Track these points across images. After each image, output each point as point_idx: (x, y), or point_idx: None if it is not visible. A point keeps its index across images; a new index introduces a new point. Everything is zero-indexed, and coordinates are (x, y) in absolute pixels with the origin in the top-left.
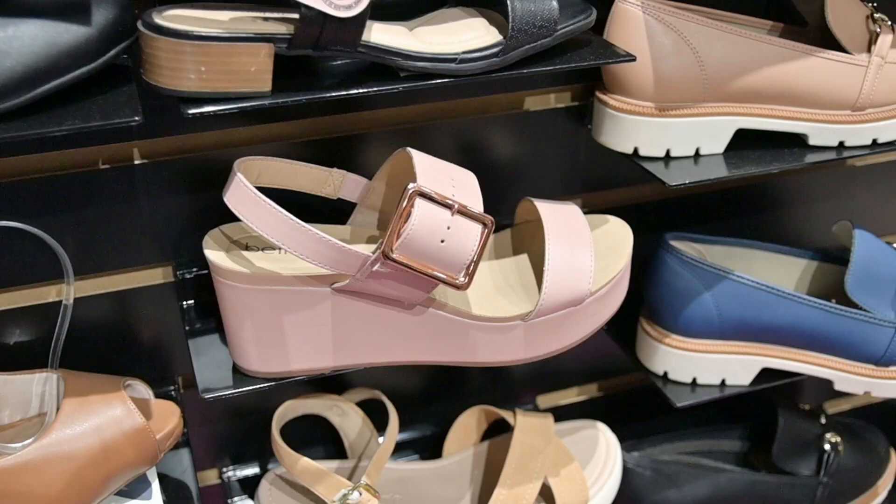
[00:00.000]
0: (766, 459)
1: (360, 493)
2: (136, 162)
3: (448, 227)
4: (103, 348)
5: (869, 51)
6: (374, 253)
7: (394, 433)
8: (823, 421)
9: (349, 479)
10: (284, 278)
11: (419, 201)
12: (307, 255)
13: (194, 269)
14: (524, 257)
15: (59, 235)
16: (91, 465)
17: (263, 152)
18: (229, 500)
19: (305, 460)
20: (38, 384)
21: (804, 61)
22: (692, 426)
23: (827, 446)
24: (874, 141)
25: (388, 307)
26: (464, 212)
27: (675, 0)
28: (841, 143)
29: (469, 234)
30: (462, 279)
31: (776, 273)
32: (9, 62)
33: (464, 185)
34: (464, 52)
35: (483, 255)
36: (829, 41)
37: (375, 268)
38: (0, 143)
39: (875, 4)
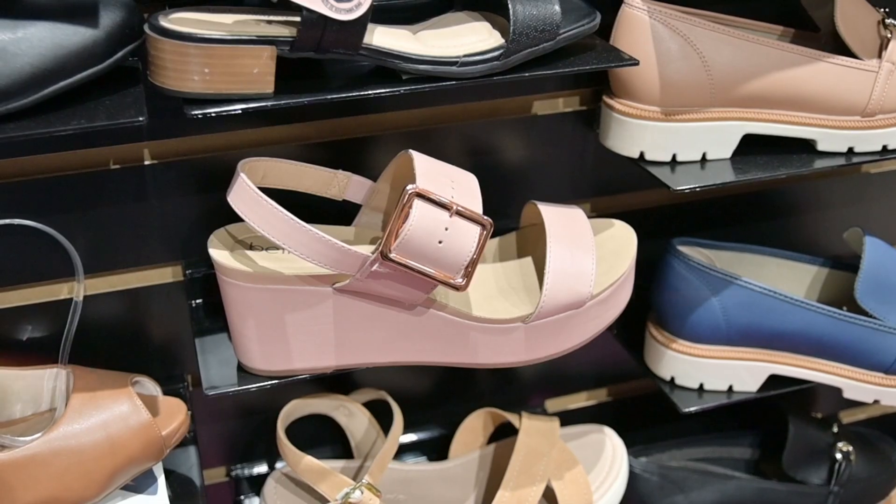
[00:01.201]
0: (777, 467)
1: (362, 492)
2: (147, 162)
3: (446, 229)
4: (113, 345)
5: (880, 56)
6: (372, 253)
7: (397, 433)
8: (836, 430)
9: (354, 478)
10: (287, 277)
11: (417, 202)
12: (308, 255)
13: (203, 269)
14: (528, 260)
15: (70, 234)
16: (97, 459)
17: (271, 154)
18: (237, 498)
19: (309, 459)
20: (48, 379)
21: (812, 66)
22: (702, 432)
23: (838, 455)
24: (884, 147)
25: (388, 307)
26: (462, 213)
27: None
28: (850, 149)
29: (467, 236)
30: (460, 280)
31: (786, 279)
32: (17, 63)
33: (464, 187)
34: (465, 56)
35: (487, 258)
36: (841, 47)
37: (374, 268)
38: (8, 141)
39: (887, 10)
